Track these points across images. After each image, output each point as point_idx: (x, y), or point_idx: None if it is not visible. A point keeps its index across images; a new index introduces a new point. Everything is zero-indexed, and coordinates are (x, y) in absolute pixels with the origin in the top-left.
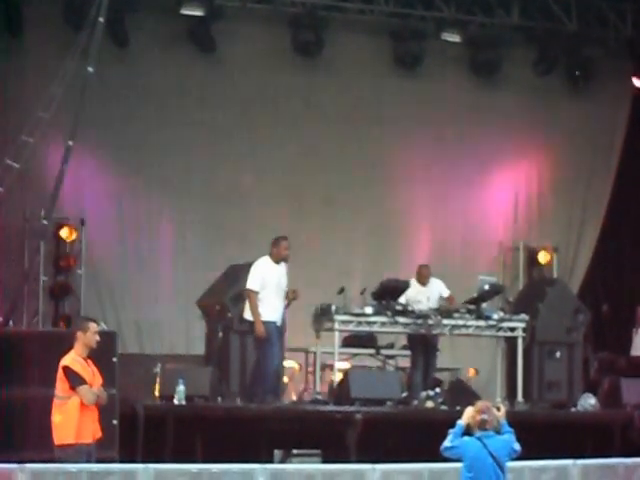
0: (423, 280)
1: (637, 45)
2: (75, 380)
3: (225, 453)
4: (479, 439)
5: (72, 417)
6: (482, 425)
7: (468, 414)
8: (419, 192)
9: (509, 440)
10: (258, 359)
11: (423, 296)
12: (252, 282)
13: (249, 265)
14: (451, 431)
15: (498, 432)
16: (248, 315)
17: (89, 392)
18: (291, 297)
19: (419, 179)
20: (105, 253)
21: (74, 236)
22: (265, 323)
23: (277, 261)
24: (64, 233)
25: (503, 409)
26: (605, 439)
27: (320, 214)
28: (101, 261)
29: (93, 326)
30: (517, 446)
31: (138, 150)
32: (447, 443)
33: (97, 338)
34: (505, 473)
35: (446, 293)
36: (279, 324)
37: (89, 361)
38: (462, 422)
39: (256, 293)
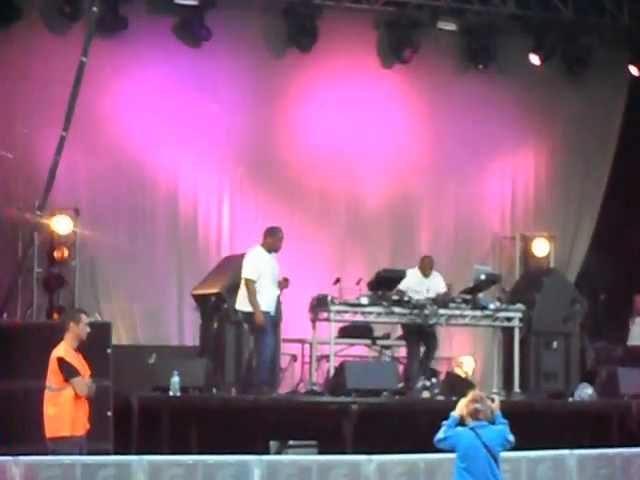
0: (426, 271)
1: (634, 33)
2: (69, 372)
3: (220, 444)
4: (472, 429)
5: (66, 409)
6: (475, 414)
7: (461, 404)
8: (415, 182)
9: (503, 431)
10: (253, 349)
11: (424, 287)
12: (249, 271)
13: (243, 256)
14: (444, 423)
15: (492, 423)
16: (241, 306)
17: (83, 384)
18: (283, 285)
19: (415, 169)
20: (99, 244)
21: (68, 227)
22: None
23: (270, 251)
24: (58, 224)
25: (497, 400)
26: (602, 429)
27: (315, 206)
28: (95, 252)
29: (84, 317)
30: (511, 437)
31: (132, 140)
32: (440, 434)
33: (88, 329)
34: (498, 463)
35: (443, 290)
36: (273, 314)
37: (79, 352)
38: (456, 414)
39: (254, 282)
